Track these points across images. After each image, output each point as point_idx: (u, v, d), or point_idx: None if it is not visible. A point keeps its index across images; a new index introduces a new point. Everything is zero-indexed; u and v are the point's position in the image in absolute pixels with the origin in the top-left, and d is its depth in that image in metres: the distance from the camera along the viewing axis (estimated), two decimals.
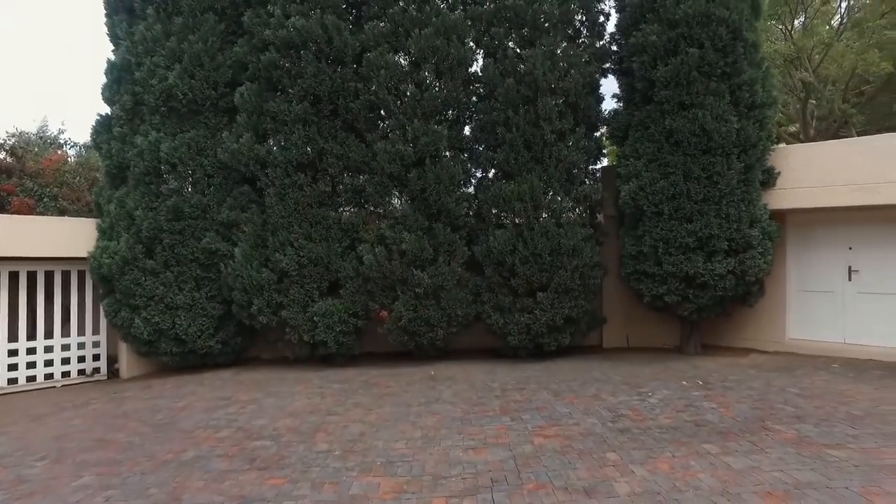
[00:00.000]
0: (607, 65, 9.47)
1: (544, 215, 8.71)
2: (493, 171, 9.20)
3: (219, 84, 8.93)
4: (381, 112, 8.98)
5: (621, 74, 9.29)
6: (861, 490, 3.88)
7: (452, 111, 9.19)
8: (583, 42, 9.31)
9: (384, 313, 8.88)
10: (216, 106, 9.00)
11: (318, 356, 9.08)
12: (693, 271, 8.12)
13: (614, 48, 9.45)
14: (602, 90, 9.43)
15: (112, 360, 9.65)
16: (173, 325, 8.63)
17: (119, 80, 9.10)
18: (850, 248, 8.95)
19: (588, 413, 5.93)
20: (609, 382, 7.32)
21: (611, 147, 10.14)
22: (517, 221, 8.78)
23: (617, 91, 9.53)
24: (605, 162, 9.93)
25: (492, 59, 9.01)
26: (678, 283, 8.33)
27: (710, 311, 8.64)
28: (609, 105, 9.60)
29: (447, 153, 8.94)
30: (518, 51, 8.93)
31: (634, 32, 8.59)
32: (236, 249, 8.67)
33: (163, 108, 8.76)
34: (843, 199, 8.29)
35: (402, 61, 8.84)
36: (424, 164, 8.56)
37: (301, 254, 8.55)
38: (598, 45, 9.35)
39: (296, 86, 8.55)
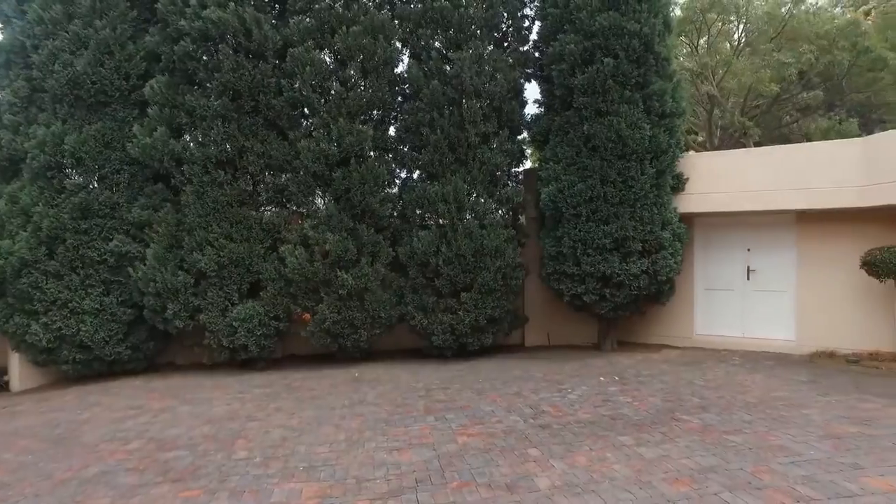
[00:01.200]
0: (530, 70, 9.70)
1: (468, 216, 8.84)
2: (417, 172, 9.23)
3: (130, 74, 8.43)
4: (305, 110, 8.79)
5: (543, 80, 9.56)
6: (753, 470, 4.24)
7: (378, 111, 9.14)
8: (508, 47, 9.51)
9: (307, 315, 8.71)
10: (127, 97, 8.48)
11: (239, 360, 8.77)
12: (610, 271, 8.50)
13: (537, 55, 9.71)
14: (525, 95, 9.68)
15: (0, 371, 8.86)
16: (78, 332, 8.04)
17: (8, 64, 8.36)
18: (749, 250, 9.69)
19: (511, 410, 6.08)
20: (531, 380, 7.54)
21: (533, 150, 10.41)
22: (441, 222, 8.85)
23: (539, 96, 9.81)
24: (527, 165, 10.20)
25: (418, 60, 9.04)
26: (596, 282, 8.69)
27: (626, 310, 9.06)
28: (531, 110, 9.87)
29: (372, 153, 8.89)
30: (445, 53, 9.02)
31: (553, 41, 8.89)
32: (148, 251, 8.21)
33: (68, 97, 8.15)
34: (743, 204, 8.97)
35: (328, 59, 8.70)
36: (349, 163, 8.47)
37: (221, 254, 8.22)
38: (522, 51, 9.58)
39: (214, 80, 8.22)
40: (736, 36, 19.92)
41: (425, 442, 5.15)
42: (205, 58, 8.29)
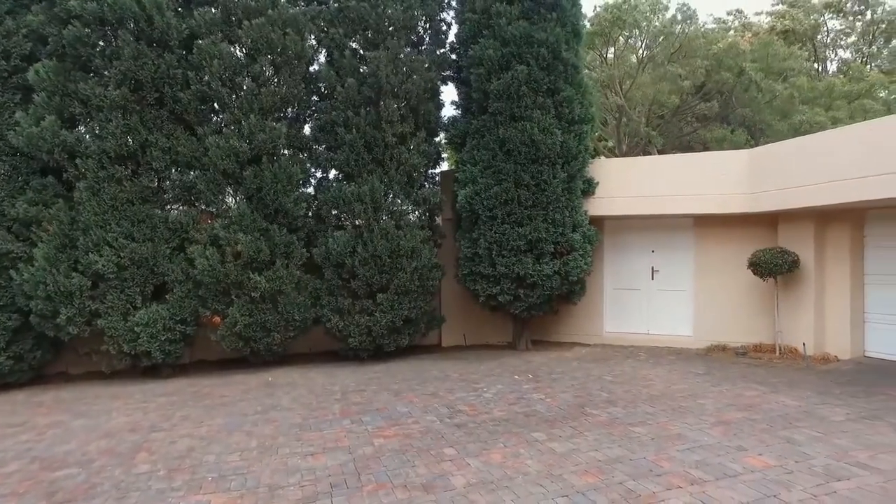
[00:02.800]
0: (448, 73, 9.79)
1: (384, 217, 8.80)
2: (333, 171, 9.09)
3: (11, 53, 7.72)
4: (215, 105, 8.42)
5: (460, 83, 9.69)
6: (654, 458, 4.52)
7: (292, 108, 8.92)
8: (426, 49, 9.55)
9: (217, 319, 8.34)
10: (5, 81, 7.76)
11: (142, 368, 8.26)
12: (523, 272, 8.74)
13: (454, 57, 9.82)
14: (442, 97, 9.78)
15: None
16: None
17: None
18: (653, 251, 10.30)
19: (427, 411, 6.12)
20: (447, 380, 7.62)
21: (450, 152, 10.53)
22: (357, 223, 8.76)
23: (456, 99, 9.93)
24: (444, 167, 10.29)
25: (333, 58, 8.90)
26: (510, 283, 8.91)
27: (540, 309, 9.34)
28: (449, 112, 9.97)
29: (286, 152, 8.66)
30: (362, 52, 8.94)
31: (473, 45, 9.04)
32: (37, 251, 7.54)
33: None
34: (647, 208, 9.52)
35: (238, 52, 8.38)
36: (261, 162, 8.20)
37: (121, 255, 7.68)
38: (439, 53, 9.63)
39: (112, 68, 7.67)
40: (640, 50, 21.12)
41: (341, 445, 5.08)
42: (101, 44, 7.73)
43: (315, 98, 9.22)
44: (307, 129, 9.22)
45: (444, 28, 9.79)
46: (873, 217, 8.47)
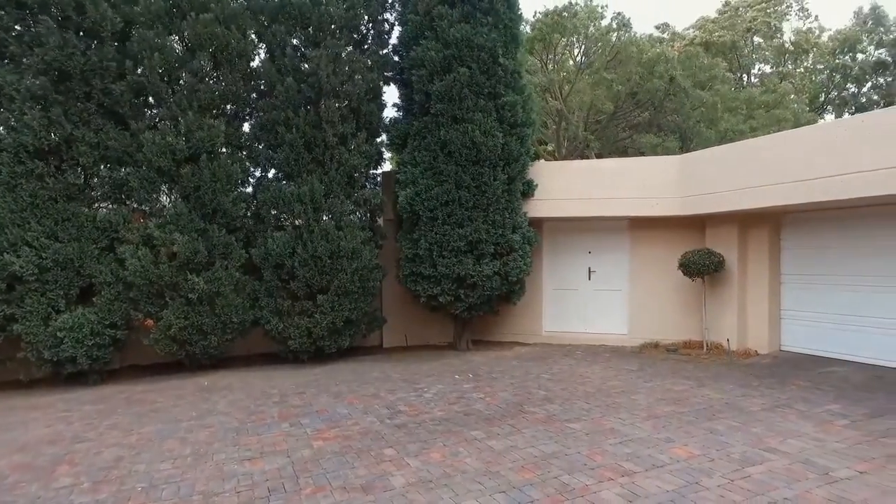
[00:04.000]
0: (390, 74, 9.77)
1: (325, 218, 8.71)
2: (273, 171, 8.93)
3: None
4: (150, 99, 8.11)
5: (402, 85, 9.70)
6: (588, 453, 4.70)
7: (231, 106, 8.70)
8: (368, 49, 9.50)
9: (150, 322, 8.03)
10: None
11: (65, 375, 7.81)
12: (464, 273, 8.85)
13: (396, 58, 9.82)
14: (384, 98, 9.74)
15: None
16: None
17: None
18: (590, 252, 10.64)
19: (367, 412, 6.11)
20: (388, 381, 7.63)
21: (391, 153, 10.52)
22: (297, 223, 8.63)
23: (398, 100, 9.94)
24: (385, 167, 10.28)
25: (274, 55, 8.75)
26: (451, 283, 9.00)
27: (480, 309, 9.47)
28: (390, 113, 9.96)
29: (225, 150, 8.43)
30: (302, 50, 8.82)
31: (415, 47, 9.07)
32: None
33: None
34: (585, 210, 9.82)
35: (177, 46, 8.10)
36: (199, 160, 7.96)
37: (43, 256, 7.26)
38: (382, 54, 9.60)
39: (33, 56, 7.23)
40: (578, 56, 21.75)
41: (279, 449, 5.01)
42: (18, 28, 7.28)
43: (255, 96, 9.02)
44: (247, 127, 9.01)
45: (387, 29, 9.77)
46: (789, 221, 9.07)
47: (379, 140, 9.66)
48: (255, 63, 8.90)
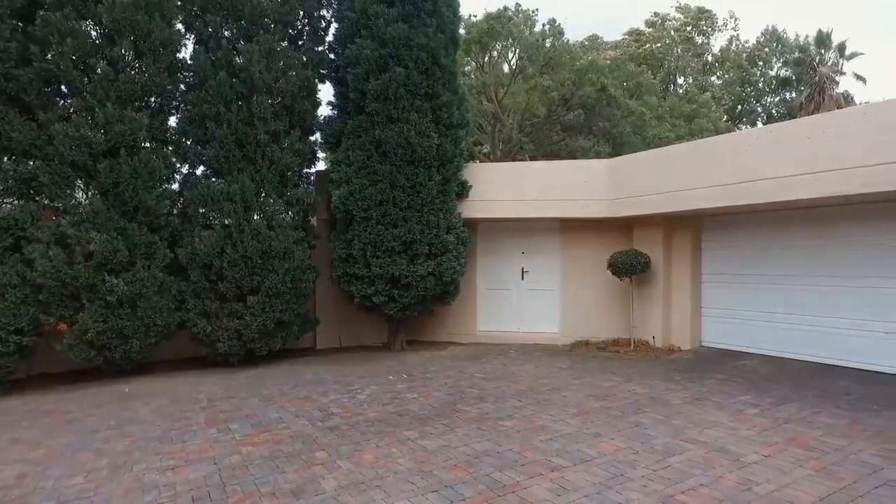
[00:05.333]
0: (325, 71, 9.62)
1: (256, 217, 8.47)
2: (202, 167, 8.60)
3: None
4: (63, 88, 7.61)
5: (337, 83, 9.57)
6: (520, 449, 4.78)
7: (156, 98, 8.31)
8: (303, 45, 9.32)
9: (63, 326, 7.53)
10: None
11: None
12: (398, 273, 8.82)
13: (332, 56, 9.68)
14: (319, 96, 9.57)
15: None
16: None
17: None
18: (523, 253, 10.85)
19: (299, 415, 5.98)
20: (321, 383, 7.49)
21: (326, 152, 10.35)
22: (227, 222, 8.35)
23: (333, 98, 9.79)
24: (319, 166, 10.11)
25: (204, 47, 8.42)
26: (385, 284, 8.95)
27: (414, 310, 9.46)
28: (325, 111, 9.82)
29: (147, 144, 8.03)
30: (234, 43, 8.54)
31: (350, 45, 8.97)
32: None
33: None
34: (518, 211, 10.00)
35: (93, 32, 7.64)
36: (119, 154, 7.53)
37: None
38: (317, 51, 9.45)
39: None
40: (513, 60, 22.17)
41: (205, 456, 4.82)
42: None
43: (183, 88, 8.66)
44: (173, 121, 8.64)
45: (323, 25, 9.62)
46: (709, 223, 9.58)
47: (313, 138, 9.50)
48: (183, 55, 8.56)
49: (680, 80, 30.42)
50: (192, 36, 8.62)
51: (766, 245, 8.67)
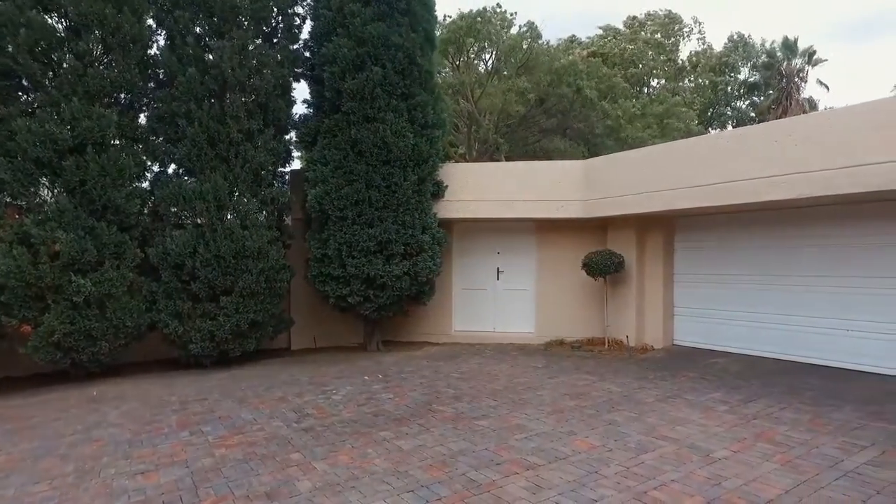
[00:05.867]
0: (300, 69, 9.54)
1: (229, 216, 8.35)
2: (173, 166, 8.45)
3: None
4: (25, 82, 7.40)
5: (313, 81, 9.48)
6: (495, 449, 4.80)
7: (125, 95, 8.14)
8: (277, 43, 9.21)
9: (27, 328, 7.32)
10: None
11: None
12: (374, 273, 8.78)
13: (307, 54, 9.60)
14: (294, 94, 9.49)
15: None
16: None
17: None
18: (499, 253, 10.89)
19: (273, 417, 5.91)
20: (296, 384, 7.42)
21: (301, 151, 10.26)
22: (199, 222, 8.22)
23: (308, 97, 9.70)
24: (294, 165, 10.01)
25: (175, 43, 8.27)
26: (360, 284, 8.90)
27: (390, 310, 9.43)
28: (300, 109, 9.73)
29: (117, 141, 7.86)
30: (206, 40, 8.41)
31: (326, 43, 8.90)
32: None
33: None
34: (493, 211, 10.03)
35: (58, 25, 7.44)
36: (86, 151, 7.35)
37: None
38: (292, 49, 9.35)
39: None
40: (490, 61, 22.28)
41: (177, 460, 4.73)
42: None
43: (153, 85, 8.50)
44: (143, 119, 8.46)
45: (298, 23, 9.52)
46: (681, 224, 9.75)
47: (288, 137, 9.41)
48: (155, 51, 8.39)
49: (654, 83, 30.92)
50: (163, 32, 8.46)
51: (736, 245, 8.86)
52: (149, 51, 8.28)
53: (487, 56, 22.13)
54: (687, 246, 9.67)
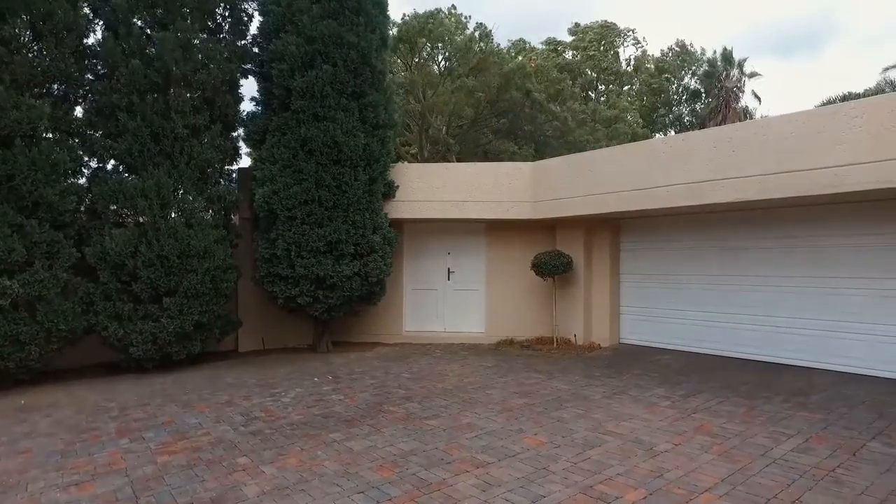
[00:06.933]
0: (249, 66, 9.31)
1: (173, 215, 8.07)
2: (112, 161, 8.09)
3: None
4: None
5: (262, 78, 9.28)
6: (446, 448, 4.83)
7: (59, 85, 7.74)
8: (225, 38, 8.96)
9: None
10: None
11: None
12: (323, 273, 8.66)
13: (256, 50, 9.38)
14: (242, 91, 9.26)
15: None
16: None
17: None
18: (449, 253, 10.94)
19: (220, 420, 5.76)
20: (243, 387, 7.25)
21: (249, 149, 10.03)
22: (141, 220, 7.91)
23: (256, 94, 9.48)
24: (243, 163, 9.77)
25: (114, 33, 7.93)
26: (310, 284, 8.76)
27: (340, 311, 9.31)
28: (248, 107, 9.51)
29: (49, 135, 7.47)
30: (148, 31, 8.10)
31: (275, 40, 8.73)
32: None
33: None
34: (444, 212, 10.07)
35: None
36: (13, 144, 6.95)
37: None
38: (240, 44, 9.11)
39: None
40: (442, 62, 22.37)
41: (116, 469, 4.53)
42: None
43: (91, 77, 8.12)
44: (79, 111, 8.08)
45: (246, 19, 9.27)
46: (627, 225, 10.05)
47: (236, 134, 9.18)
48: (93, 41, 8.03)
49: (601, 87, 31.75)
50: (101, 21, 8.10)
51: (678, 246, 9.22)
52: (86, 40, 7.90)
53: (440, 56, 22.22)
54: (633, 247, 9.98)
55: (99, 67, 8.09)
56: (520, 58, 22.81)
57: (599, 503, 3.72)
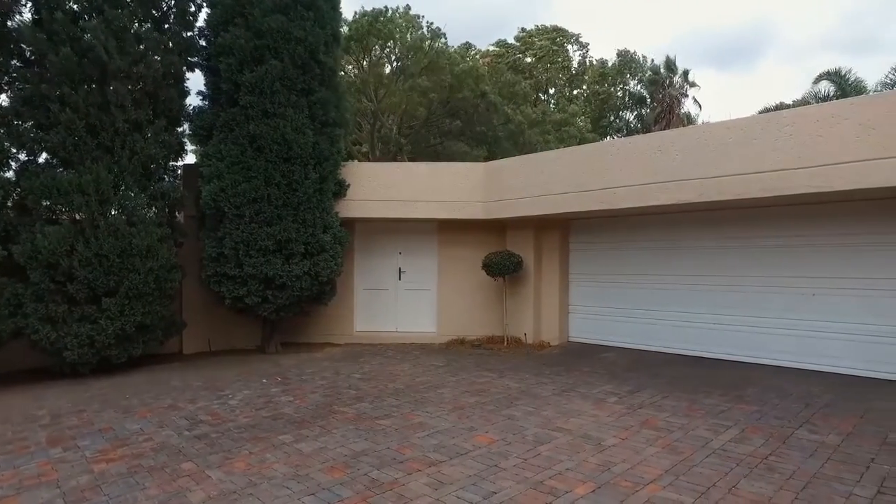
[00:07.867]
0: (195, 59, 8.99)
1: (113, 212, 7.72)
2: (45, 155, 7.66)
3: None
4: None
5: (209, 72, 8.99)
6: (397, 447, 4.82)
7: None
8: (169, 29, 8.62)
9: None
10: None
11: None
12: (272, 273, 8.49)
13: (203, 43, 9.09)
14: (188, 85, 8.95)
15: None
16: None
17: None
18: (400, 253, 10.91)
19: (163, 425, 5.55)
20: (188, 390, 7.01)
21: (195, 145, 9.70)
22: (77, 217, 7.53)
23: (203, 88, 9.20)
24: (188, 159, 9.46)
25: (43, 17, 7.49)
26: (258, 284, 8.57)
27: (290, 311, 9.14)
28: (195, 101, 9.20)
29: None
30: (86, 18, 7.70)
31: (223, 33, 8.49)
32: None
33: None
34: (396, 211, 10.03)
35: None
36: None
37: None
38: (185, 36, 8.79)
39: None
40: (393, 61, 22.26)
41: (46, 480, 4.29)
42: None
43: (18, 63, 7.66)
44: (5, 100, 7.62)
45: (193, 10, 8.96)
46: (575, 226, 10.27)
47: (181, 129, 8.86)
48: (15, 24, 7.56)
49: (552, 91, 32.34)
50: (30, 6, 7.63)
51: (624, 246, 9.48)
52: (9, 23, 7.43)
53: (392, 55, 22.10)
54: (581, 247, 10.21)
55: (27, 54, 7.63)
56: (477, 57, 22.94)
57: (550, 497, 3.79)
